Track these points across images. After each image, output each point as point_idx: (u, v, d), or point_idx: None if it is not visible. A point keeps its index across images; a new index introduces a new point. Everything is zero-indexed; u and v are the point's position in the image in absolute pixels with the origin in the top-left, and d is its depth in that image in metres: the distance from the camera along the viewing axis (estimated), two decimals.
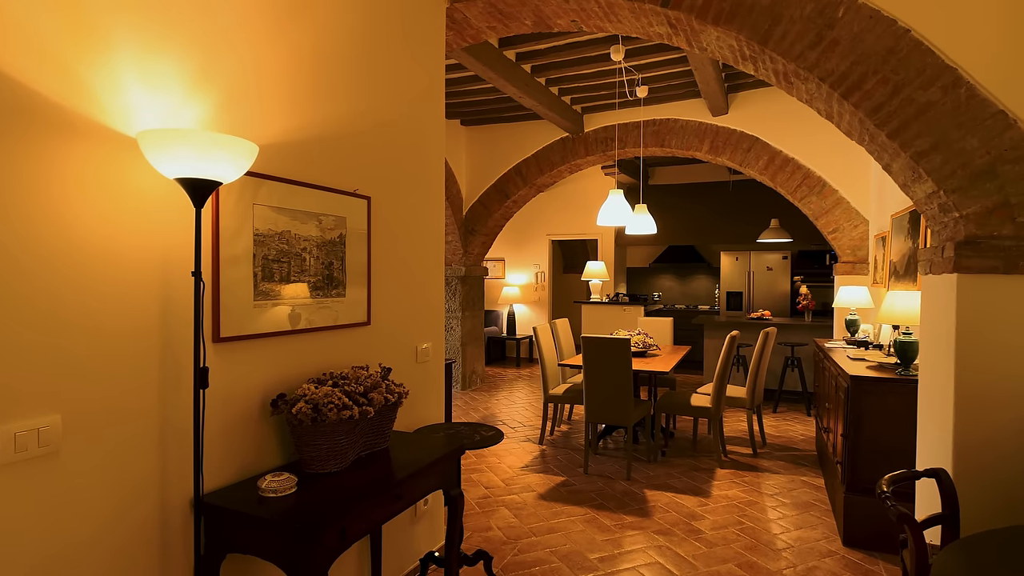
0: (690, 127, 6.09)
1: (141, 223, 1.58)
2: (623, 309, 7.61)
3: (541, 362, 4.91)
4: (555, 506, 3.66)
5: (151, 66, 1.60)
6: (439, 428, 2.74)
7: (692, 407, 4.47)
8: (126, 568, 1.57)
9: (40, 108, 1.37)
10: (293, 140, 2.08)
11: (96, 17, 1.47)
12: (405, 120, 2.69)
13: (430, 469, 2.09)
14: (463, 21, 3.20)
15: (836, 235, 5.69)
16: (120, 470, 1.55)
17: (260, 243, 1.93)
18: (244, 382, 1.90)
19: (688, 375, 8.29)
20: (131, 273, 1.56)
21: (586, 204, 9.11)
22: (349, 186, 2.35)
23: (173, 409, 1.67)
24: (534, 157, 6.90)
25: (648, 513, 3.56)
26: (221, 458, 1.83)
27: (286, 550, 1.58)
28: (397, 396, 2.13)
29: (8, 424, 1.32)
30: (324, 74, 2.21)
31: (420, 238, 2.83)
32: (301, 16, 2.10)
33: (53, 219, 1.40)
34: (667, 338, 5.78)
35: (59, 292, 1.41)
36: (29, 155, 1.35)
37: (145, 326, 1.60)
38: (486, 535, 3.25)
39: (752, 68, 2.79)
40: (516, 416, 5.99)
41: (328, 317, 2.23)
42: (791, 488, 4.03)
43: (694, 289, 10.24)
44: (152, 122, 1.60)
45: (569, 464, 4.47)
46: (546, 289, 9.42)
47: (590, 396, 4.23)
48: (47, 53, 1.38)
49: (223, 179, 1.49)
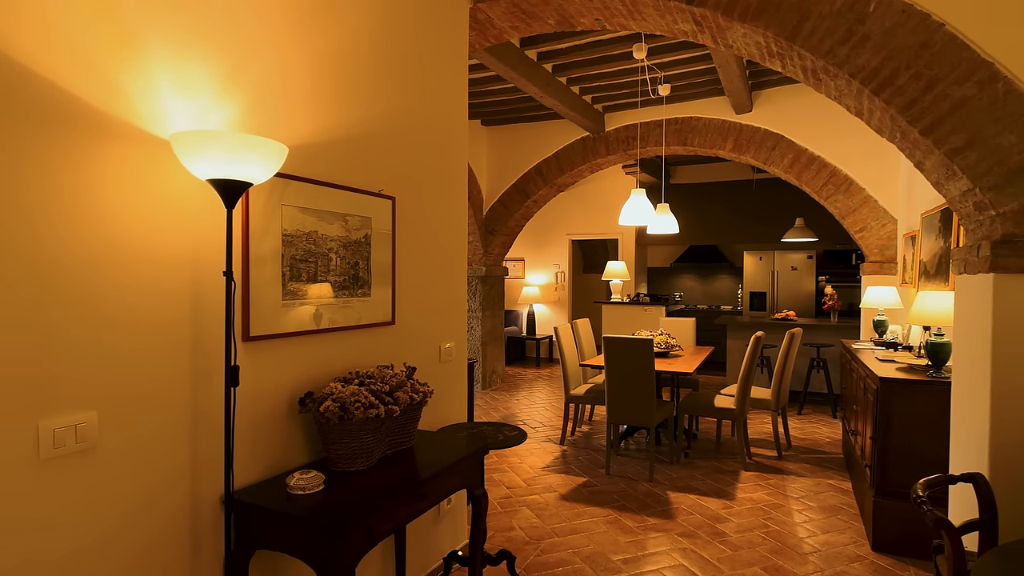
0: (713, 125, 6.03)
1: (174, 223, 1.61)
2: (644, 309, 7.56)
3: (562, 362, 4.90)
4: (577, 507, 3.65)
5: (183, 71, 1.63)
6: (462, 427, 2.75)
7: (716, 408, 4.42)
8: (158, 559, 1.60)
9: (82, 113, 1.40)
10: (319, 141, 2.10)
11: (133, 26, 1.50)
12: (429, 120, 2.70)
13: (454, 468, 2.09)
14: (486, 21, 3.21)
15: (863, 234, 5.59)
16: (152, 466, 1.58)
17: (288, 243, 1.95)
18: (272, 380, 1.93)
19: (710, 376, 8.20)
20: (165, 273, 1.59)
21: (607, 204, 9.07)
22: (374, 186, 2.36)
23: (204, 407, 1.70)
24: (555, 157, 6.89)
25: (671, 515, 3.53)
26: (250, 455, 1.85)
27: (314, 547, 1.60)
28: (422, 395, 2.14)
29: (48, 420, 1.35)
30: (349, 75, 2.23)
31: (443, 238, 2.84)
32: (326, 18, 2.12)
33: (92, 220, 1.43)
34: (689, 339, 5.72)
35: (97, 293, 1.44)
36: (71, 158, 1.38)
37: (177, 325, 1.62)
38: (508, 535, 3.25)
39: (779, 65, 2.74)
40: (536, 416, 5.98)
41: (353, 316, 2.25)
42: (817, 491, 3.96)
43: (716, 289, 10.14)
44: (183, 124, 1.63)
45: (591, 465, 4.45)
46: (566, 289, 9.39)
47: (612, 397, 4.20)
48: (89, 61, 1.41)
49: (254, 180, 1.51)
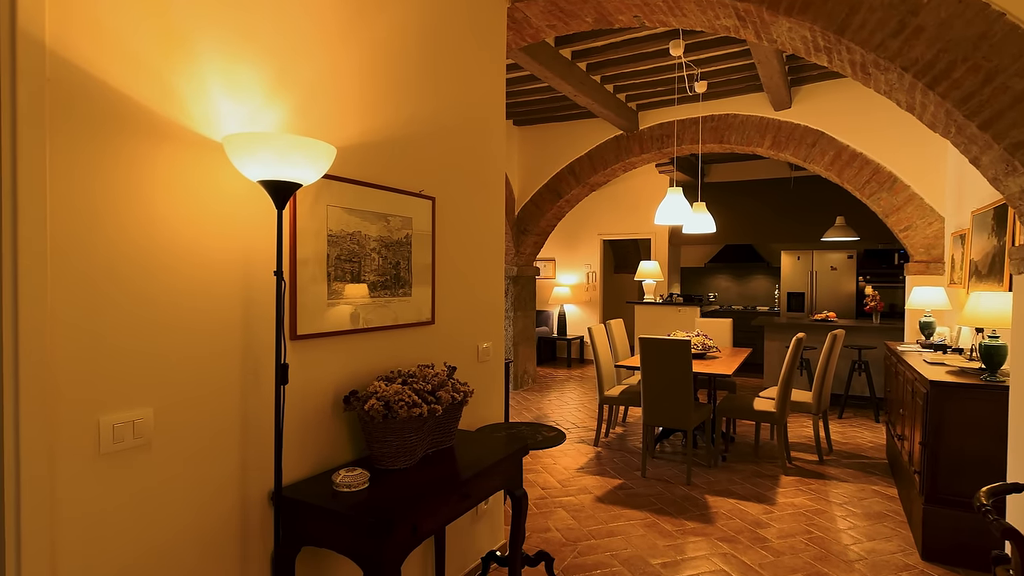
0: (751, 122, 5.91)
1: (223, 224, 1.64)
2: (678, 310, 7.46)
3: (596, 363, 4.86)
4: (613, 509, 3.61)
5: (233, 73, 1.66)
6: (500, 427, 2.75)
7: (755, 411, 4.33)
8: (209, 555, 1.63)
9: (133, 115, 1.44)
10: (363, 142, 2.12)
11: (185, 28, 1.54)
12: (467, 120, 2.70)
13: (495, 468, 2.09)
14: (523, 20, 3.20)
15: (908, 233, 5.42)
16: (204, 462, 1.61)
17: (333, 243, 1.97)
18: (318, 379, 1.95)
19: (746, 378, 8.05)
20: (215, 273, 1.62)
21: (639, 203, 8.98)
22: (415, 187, 2.38)
23: (253, 404, 1.73)
24: (587, 156, 6.84)
25: (711, 519, 3.47)
26: (297, 452, 1.88)
27: (360, 544, 1.61)
28: (463, 395, 2.15)
29: (108, 415, 1.39)
30: (392, 77, 2.24)
31: (480, 238, 2.84)
32: (371, 20, 2.14)
33: (143, 221, 1.46)
34: (726, 340, 5.62)
35: (151, 293, 1.47)
36: (120, 160, 1.42)
37: (228, 324, 1.66)
38: (545, 536, 3.24)
39: (825, 59, 2.67)
40: (569, 417, 5.95)
41: (395, 316, 2.27)
42: (861, 497, 3.85)
43: (752, 289, 9.95)
44: (234, 127, 1.66)
45: (626, 467, 4.41)
46: (597, 289, 9.33)
47: (648, 398, 4.16)
48: (142, 63, 1.44)
49: (303, 181, 1.53)
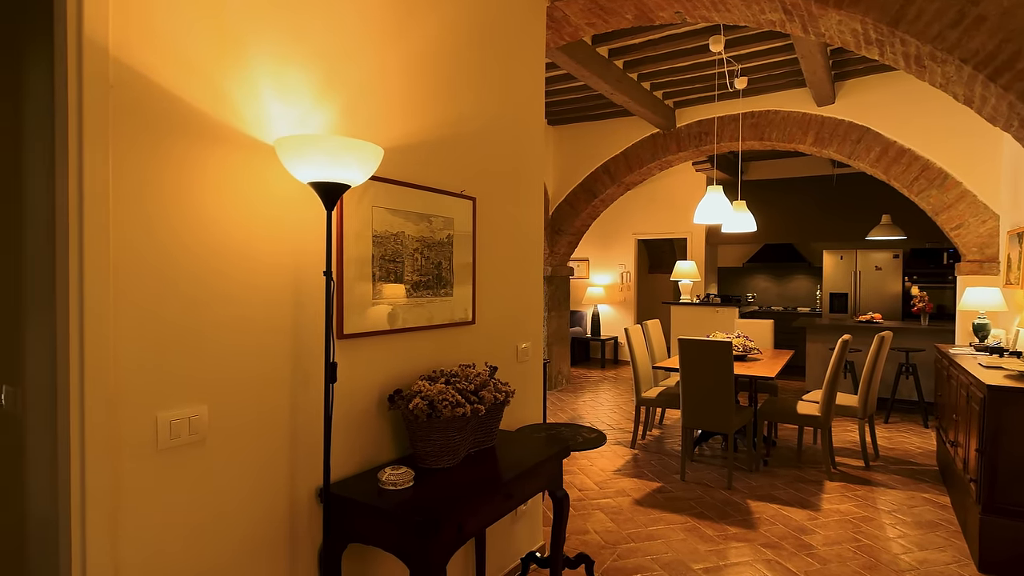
0: (792, 118, 5.77)
1: (272, 226, 1.67)
2: (716, 311, 7.33)
3: (633, 364, 4.81)
4: (652, 512, 3.57)
5: (284, 76, 1.69)
6: (539, 428, 2.74)
7: (798, 415, 4.22)
8: (260, 549, 1.66)
9: (187, 119, 1.47)
10: (407, 143, 2.13)
11: (237, 32, 1.57)
12: (507, 120, 2.70)
13: (537, 469, 2.08)
14: (562, 19, 3.18)
15: (960, 232, 5.21)
16: (255, 458, 1.64)
17: (378, 243, 1.99)
18: (363, 378, 1.97)
19: (787, 381, 7.87)
20: (265, 274, 1.65)
21: (675, 202, 8.85)
22: (456, 187, 2.39)
23: (301, 402, 1.76)
24: (623, 155, 6.78)
25: (753, 525, 3.40)
26: (343, 450, 1.91)
27: (406, 543, 1.62)
28: (505, 395, 2.14)
29: (165, 412, 1.43)
30: (435, 77, 2.26)
31: (520, 238, 2.84)
32: (417, 21, 2.15)
33: (197, 223, 1.50)
34: (767, 341, 5.50)
35: (205, 292, 1.51)
36: (176, 163, 1.46)
37: (278, 324, 1.69)
38: (583, 538, 3.22)
39: (877, 53, 2.59)
40: (603, 418, 5.90)
41: (437, 315, 2.28)
42: (911, 505, 3.72)
43: (792, 290, 9.71)
44: (284, 129, 1.69)
45: (664, 470, 4.35)
46: (632, 290, 9.23)
47: (687, 401, 4.09)
48: (196, 67, 1.48)
49: (352, 182, 1.55)
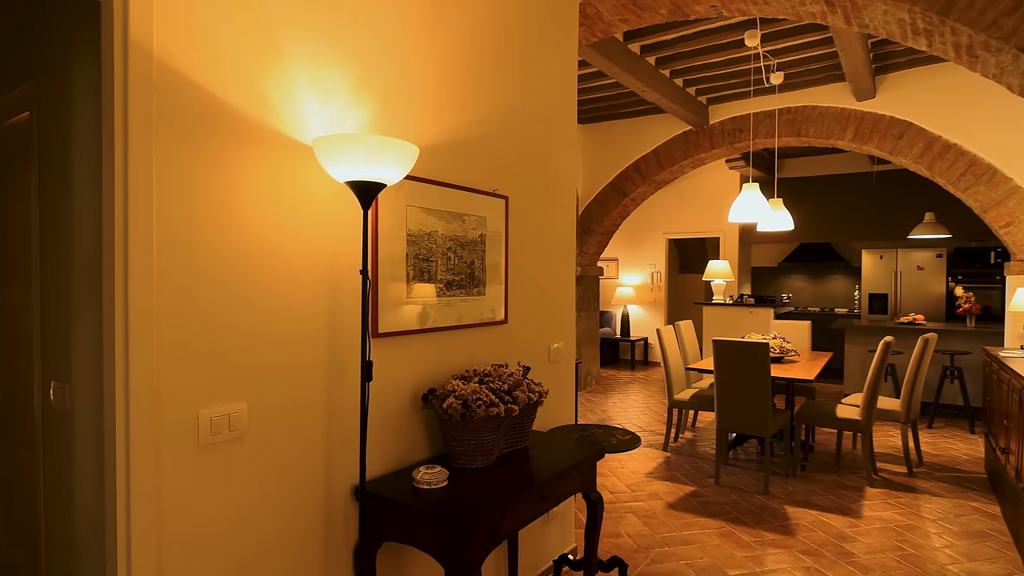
0: (831, 114, 5.62)
1: (309, 225, 1.68)
2: (750, 311, 7.18)
3: (665, 365, 4.74)
4: (686, 516, 3.50)
5: (320, 75, 1.70)
6: (572, 429, 2.71)
7: (838, 419, 4.10)
8: (296, 545, 1.67)
9: (227, 118, 1.49)
10: (440, 142, 2.13)
11: (275, 31, 1.58)
12: (539, 119, 2.68)
13: (572, 471, 2.05)
14: (595, 16, 3.15)
15: (1010, 230, 5.00)
16: (292, 455, 1.65)
17: (411, 243, 1.99)
18: (396, 376, 1.97)
19: (824, 384, 7.67)
20: (302, 272, 1.66)
21: (707, 200, 8.71)
22: (488, 186, 2.37)
23: (337, 400, 1.77)
24: (654, 153, 6.69)
25: (791, 531, 3.31)
26: (377, 449, 1.91)
27: (441, 543, 1.61)
28: (538, 395, 2.12)
29: (206, 409, 1.44)
30: (469, 76, 2.25)
31: (551, 237, 2.81)
32: (451, 19, 2.15)
33: (236, 222, 1.52)
34: (804, 343, 5.36)
35: (244, 291, 1.53)
36: (215, 162, 1.47)
37: (314, 322, 1.70)
38: (616, 542, 3.18)
39: (924, 43, 2.49)
40: (633, 420, 5.83)
41: (469, 315, 2.27)
42: (958, 514, 3.58)
43: (829, 290, 9.47)
44: (320, 129, 1.70)
45: (697, 473, 4.27)
46: (662, 290, 9.12)
47: (722, 403, 4.01)
48: (236, 67, 1.49)
49: (389, 181, 1.54)
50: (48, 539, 1.86)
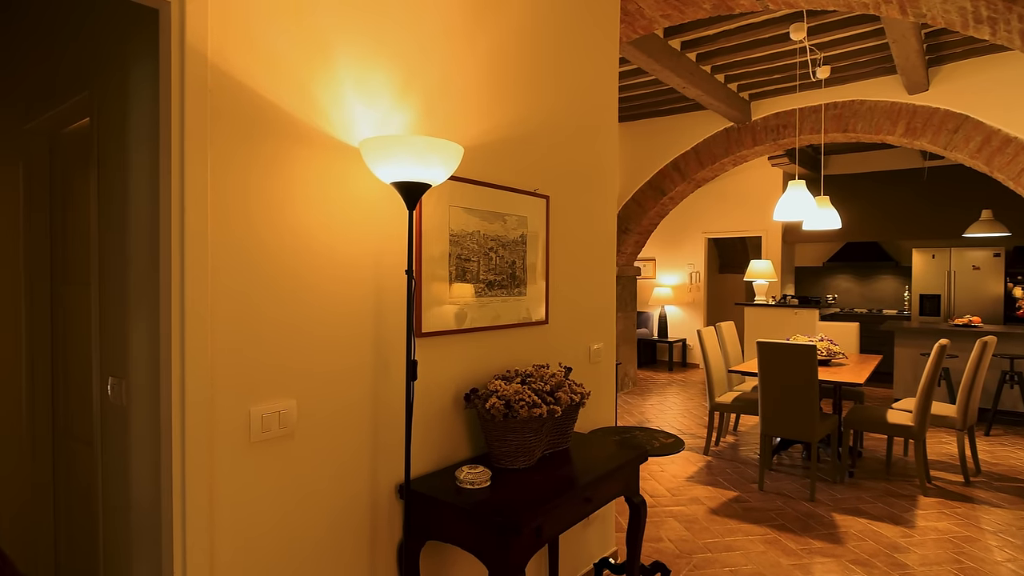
0: (880, 108, 5.42)
1: (355, 226, 1.70)
2: (794, 312, 6.98)
3: (706, 368, 4.64)
4: (729, 522, 3.42)
5: (366, 78, 1.71)
6: (613, 431, 2.67)
7: (888, 424, 3.95)
8: (342, 541, 1.69)
9: (277, 121, 1.51)
10: (482, 142, 2.13)
11: (324, 35, 1.60)
12: (580, 117, 2.65)
13: (615, 474, 2.03)
14: (636, 12, 3.11)
15: None
16: (339, 453, 1.67)
17: (454, 243, 2.00)
18: (439, 376, 1.98)
19: (873, 388, 7.41)
20: (349, 272, 1.68)
21: (748, 198, 8.51)
22: (529, 186, 2.36)
23: (382, 398, 1.78)
24: (694, 150, 6.57)
25: (839, 539, 3.20)
26: (420, 447, 1.92)
27: (486, 543, 1.61)
28: (580, 396, 2.10)
29: (258, 406, 1.47)
30: (510, 75, 2.24)
31: (592, 237, 2.78)
32: (493, 18, 2.15)
33: (286, 222, 1.54)
34: (852, 346, 5.19)
35: (294, 289, 1.55)
36: (266, 164, 1.50)
37: (360, 321, 1.71)
38: (656, 546, 3.13)
39: (987, 32, 2.37)
40: (671, 423, 5.74)
41: (510, 315, 2.26)
42: (1021, 526, 3.40)
43: (877, 291, 9.14)
44: (366, 131, 1.72)
45: (739, 478, 4.17)
46: (701, 290, 8.95)
47: (766, 407, 3.91)
48: (287, 71, 1.52)
49: (434, 181, 1.55)
50: (106, 532, 1.92)
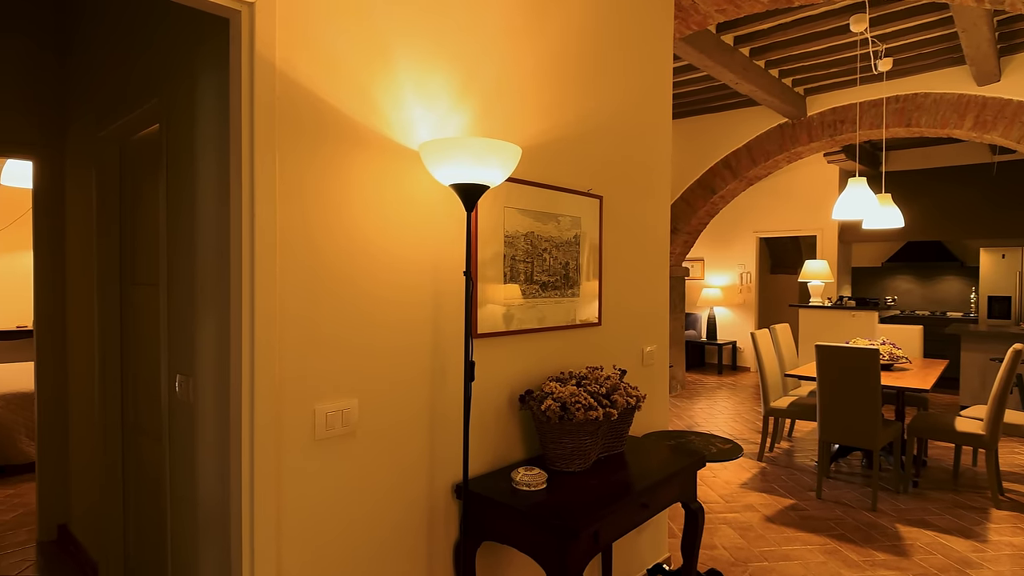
0: (946, 101, 5.16)
1: (412, 228, 1.72)
2: (851, 315, 6.71)
3: (760, 371, 4.51)
4: (786, 531, 3.32)
5: (424, 80, 1.73)
6: (668, 435, 2.63)
7: (956, 432, 3.75)
8: (400, 539, 1.71)
9: (339, 125, 1.54)
10: (537, 143, 2.12)
11: (384, 39, 1.62)
12: (634, 115, 2.61)
13: (672, 479, 1.99)
14: (690, 7, 3.04)
15: None
16: (398, 451, 1.69)
17: (508, 244, 2.00)
18: (494, 377, 1.98)
19: (937, 394, 7.07)
20: (407, 273, 1.70)
21: (802, 197, 8.24)
22: (582, 186, 2.34)
23: (439, 399, 1.80)
24: (746, 147, 6.40)
25: (905, 552, 3.06)
26: (476, 448, 1.92)
27: (544, 546, 1.60)
28: (636, 400, 2.07)
29: (322, 404, 1.50)
30: (564, 75, 2.23)
31: (645, 237, 2.74)
32: (546, 19, 2.14)
33: (347, 225, 1.57)
34: (915, 350, 4.96)
35: (355, 289, 1.58)
36: (329, 167, 1.53)
37: (418, 322, 1.73)
38: (711, 553, 3.05)
39: None
40: (722, 427, 5.60)
41: (563, 316, 2.25)
42: None
43: (940, 292, 8.71)
44: (424, 133, 1.73)
45: (795, 486, 4.04)
46: (752, 291, 8.72)
47: (825, 412, 3.77)
48: (349, 76, 1.54)
49: (492, 183, 1.55)
50: (173, 523, 2.00)
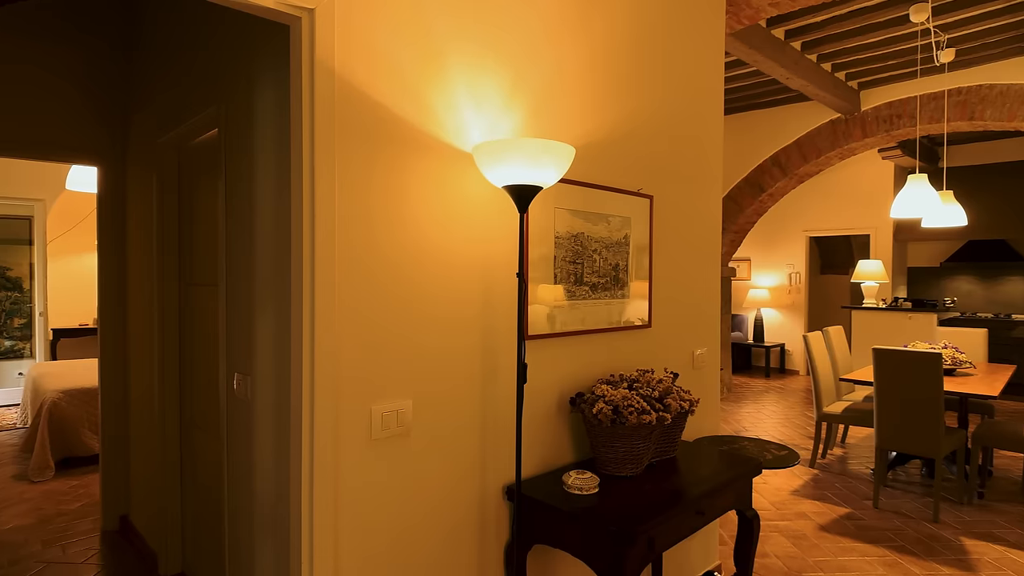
0: (1014, 92, 4.90)
1: (465, 229, 1.72)
2: (907, 317, 6.44)
3: (813, 375, 4.37)
4: (841, 541, 3.20)
5: (476, 84, 1.73)
6: (720, 440, 2.57)
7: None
8: (452, 539, 1.72)
9: (396, 129, 1.56)
10: (586, 143, 2.10)
11: (440, 44, 1.63)
12: (684, 114, 2.56)
13: (728, 486, 1.94)
14: (742, 2, 2.97)
15: None
16: (450, 452, 1.70)
17: (559, 245, 1.98)
18: (544, 379, 1.97)
19: (1003, 401, 6.72)
20: (459, 275, 1.71)
21: (855, 194, 7.95)
22: (632, 186, 2.31)
23: (490, 400, 1.80)
24: (795, 144, 6.22)
25: (972, 567, 2.91)
26: (527, 450, 1.92)
27: (598, 552, 1.58)
28: (689, 404, 2.03)
29: (378, 404, 1.52)
30: (613, 73, 2.20)
31: (696, 237, 2.68)
32: (595, 17, 2.12)
33: (403, 227, 1.58)
34: (980, 354, 4.72)
35: (408, 292, 1.59)
36: (385, 171, 1.55)
37: (470, 323, 1.74)
38: (763, 562, 2.97)
39: None
40: (770, 432, 5.45)
41: (613, 318, 2.22)
42: None
43: (1005, 294, 8.27)
44: (476, 136, 1.73)
45: (850, 494, 3.89)
46: (801, 292, 8.46)
47: (883, 419, 3.62)
48: (404, 81, 1.56)
49: (546, 184, 1.54)
50: (230, 518, 2.06)
